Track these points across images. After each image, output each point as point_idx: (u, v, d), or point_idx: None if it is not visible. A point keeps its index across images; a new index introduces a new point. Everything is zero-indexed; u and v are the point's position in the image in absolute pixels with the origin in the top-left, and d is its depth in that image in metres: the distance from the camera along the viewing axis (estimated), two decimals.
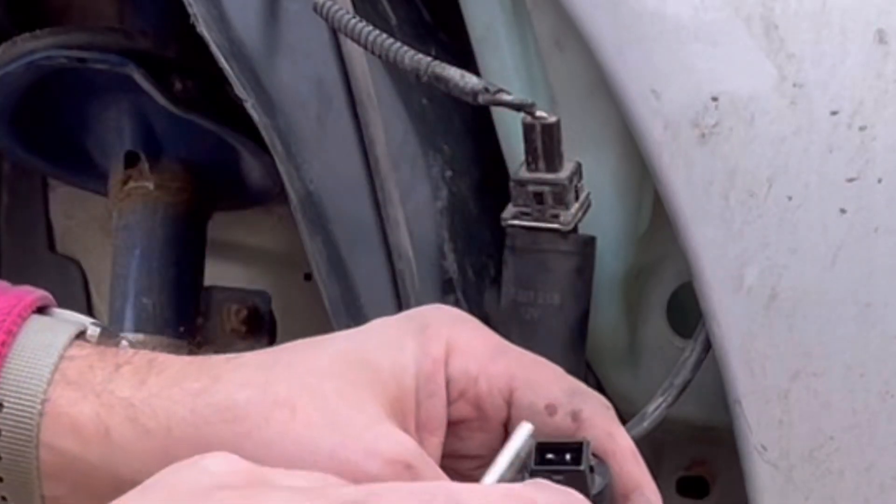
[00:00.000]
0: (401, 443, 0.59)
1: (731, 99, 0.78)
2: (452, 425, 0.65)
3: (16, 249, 1.17)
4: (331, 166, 0.83)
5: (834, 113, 0.77)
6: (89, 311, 1.16)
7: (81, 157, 1.06)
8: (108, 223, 1.07)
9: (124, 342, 0.67)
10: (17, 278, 1.17)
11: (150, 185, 1.01)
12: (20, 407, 0.60)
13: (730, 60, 0.78)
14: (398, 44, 0.75)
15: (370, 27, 0.76)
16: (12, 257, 1.17)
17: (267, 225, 1.11)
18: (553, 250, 0.80)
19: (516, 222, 0.80)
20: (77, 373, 0.61)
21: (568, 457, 0.61)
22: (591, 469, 0.62)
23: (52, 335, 0.62)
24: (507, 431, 0.66)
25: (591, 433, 0.64)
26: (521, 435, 0.61)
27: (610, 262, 0.85)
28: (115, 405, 0.60)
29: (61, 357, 0.61)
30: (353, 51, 0.83)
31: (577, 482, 0.60)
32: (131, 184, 1.01)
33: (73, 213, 1.17)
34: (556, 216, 0.79)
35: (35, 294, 0.64)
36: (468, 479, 0.66)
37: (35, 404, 0.60)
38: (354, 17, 0.77)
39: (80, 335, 0.63)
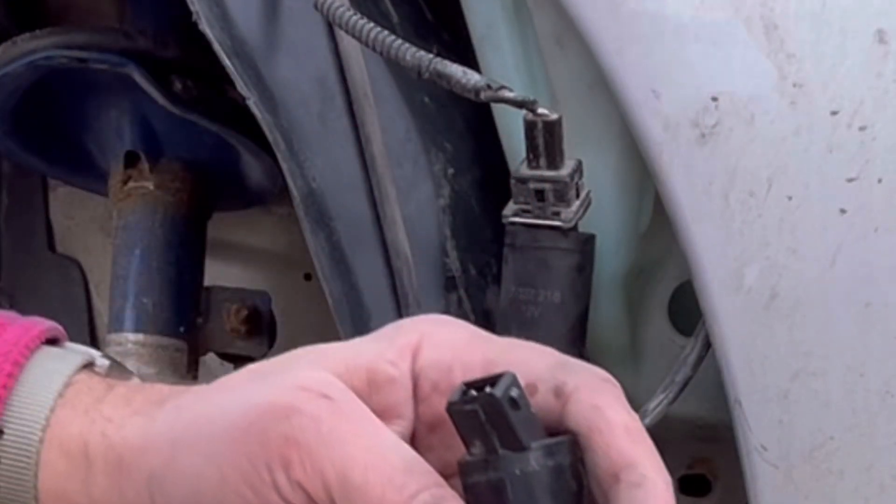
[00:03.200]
0: (319, 378, 0.56)
1: (731, 99, 0.78)
2: (434, 428, 0.60)
3: (16, 249, 1.17)
4: (333, 164, 0.83)
5: (834, 113, 0.77)
6: (89, 311, 1.16)
7: (81, 157, 1.06)
8: (108, 223, 1.07)
9: (135, 378, 0.66)
10: (17, 278, 1.18)
11: (150, 185, 1.01)
12: (21, 434, 0.60)
13: (730, 60, 0.78)
14: (400, 41, 0.75)
15: (371, 24, 0.77)
16: (12, 257, 1.17)
17: (267, 225, 1.12)
18: (553, 248, 0.80)
19: (517, 219, 0.80)
20: (75, 395, 0.60)
21: (488, 389, 0.53)
22: (514, 402, 0.53)
23: (59, 364, 0.61)
24: None
25: (575, 408, 0.56)
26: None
27: (611, 260, 0.86)
28: (96, 429, 0.60)
29: (66, 385, 0.60)
30: (349, 48, 0.83)
31: (493, 409, 0.53)
32: (131, 184, 1.01)
33: (73, 213, 1.18)
34: (556, 213, 0.79)
35: (44, 325, 0.63)
36: None
37: (35, 431, 0.59)
38: (356, 15, 0.77)
39: (89, 366, 0.63)
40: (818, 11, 0.77)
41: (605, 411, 0.55)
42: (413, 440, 0.59)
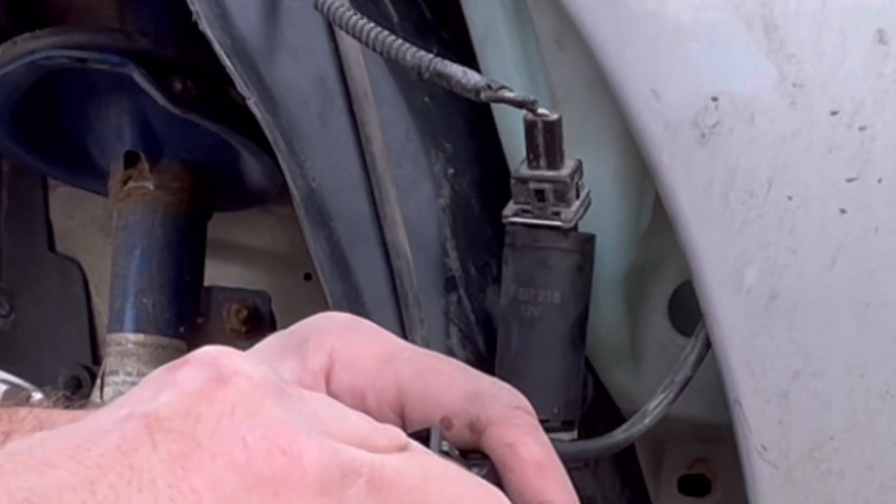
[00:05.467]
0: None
1: (731, 99, 0.78)
2: None
3: (16, 249, 1.17)
4: (333, 164, 0.83)
5: (834, 113, 0.77)
6: (89, 311, 1.16)
7: (81, 157, 1.06)
8: (108, 223, 1.07)
9: (36, 395, 0.63)
10: (17, 278, 1.18)
11: (150, 185, 1.01)
12: None
13: (730, 60, 0.78)
14: (400, 41, 0.75)
15: (372, 24, 0.76)
16: (12, 257, 1.17)
17: (267, 225, 1.12)
18: (553, 248, 0.80)
19: (517, 219, 0.80)
20: None
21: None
22: (446, 453, 0.56)
23: None
24: None
25: (489, 444, 0.59)
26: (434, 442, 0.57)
27: (611, 260, 0.85)
28: None
29: None
30: (349, 48, 0.83)
31: None
32: (131, 184, 1.02)
33: (73, 213, 1.18)
34: (556, 213, 0.79)
35: None
36: None
37: None
38: (356, 15, 0.77)
39: None
40: (818, 11, 0.77)
41: (517, 449, 0.58)
42: None
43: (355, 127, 0.83)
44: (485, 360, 0.84)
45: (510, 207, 0.81)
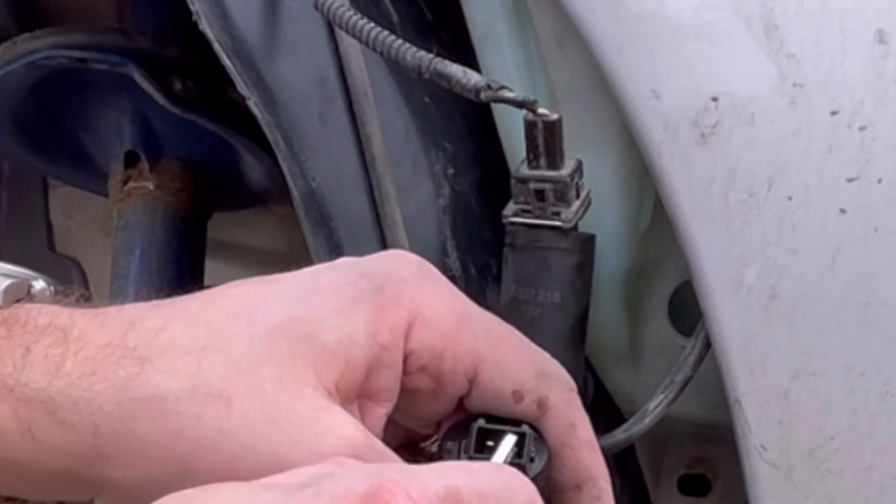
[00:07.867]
0: (344, 436, 0.55)
1: (731, 99, 0.78)
2: (405, 392, 0.61)
3: (16, 249, 1.17)
4: (333, 164, 0.83)
5: (834, 113, 0.77)
6: None
7: (81, 157, 1.06)
8: (108, 223, 1.07)
9: (37, 284, 0.63)
10: None
11: (150, 185, 1.01)
12: None
13: (730, 60, 0.78)
14: (400, 41, 0.75)
15: (371, 24, 0.77)
16: (12, 257, 1.16)
17: (267, 225, 1.12)
18: (553, 248, 0.80)
19: (517, 219, 0.80)
20: None
21: (509, 446, 0.60)
22: (532, 459, 0.60)
23: None
24: (461, 404, 0.64)
25: (553, 422, 0.63)
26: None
27: (611, 259, 0.85)
28: (32, 399, 0.55)
29: None
30: (349, 48, 0.83)
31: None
32: (131, 184, 1.02)
33: (73, 213, 1.18)
34: (556, 213, 0.79)
35: None
36: (416, 436, 0.65)
37: None
38: (356, 14, 0.77)
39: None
40: (818, 11, 0.77)
41: (577, 429, 0.63)
42: None
43: (355, 127, 0.83)
44: None
45: (510, 207, 0.81)
